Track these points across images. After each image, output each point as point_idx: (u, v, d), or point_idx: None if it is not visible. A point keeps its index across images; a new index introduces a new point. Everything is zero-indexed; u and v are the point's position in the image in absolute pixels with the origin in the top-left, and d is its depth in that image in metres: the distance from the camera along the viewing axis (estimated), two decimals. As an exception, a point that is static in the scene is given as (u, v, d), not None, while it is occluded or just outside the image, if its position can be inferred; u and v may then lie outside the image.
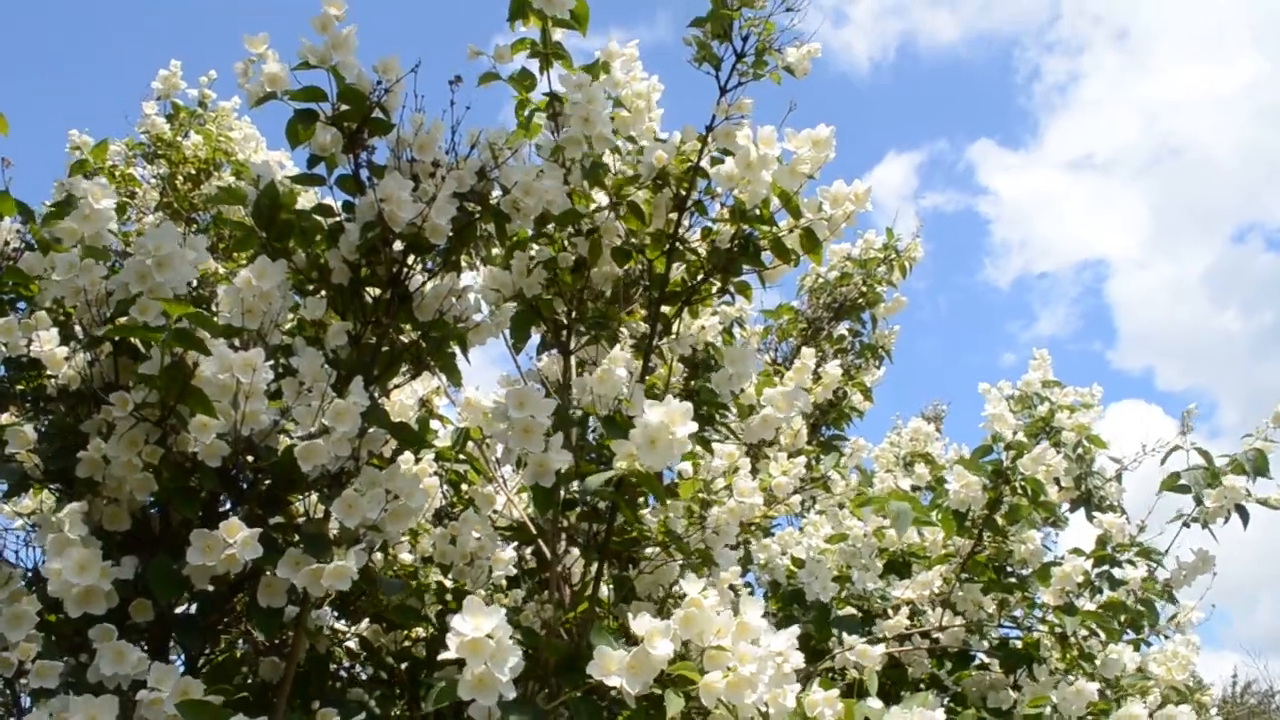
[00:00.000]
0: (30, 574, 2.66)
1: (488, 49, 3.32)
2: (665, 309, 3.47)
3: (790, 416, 3.18)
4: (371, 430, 2.69)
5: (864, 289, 5.81)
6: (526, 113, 3.53)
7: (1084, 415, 4.67)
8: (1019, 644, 4.27)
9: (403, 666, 3.50)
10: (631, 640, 2.60)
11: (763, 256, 3.34)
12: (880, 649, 3.66)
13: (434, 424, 3.77)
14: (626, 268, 3.53)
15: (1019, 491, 4.05)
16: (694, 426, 2.72)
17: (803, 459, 3.58)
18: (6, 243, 2.92)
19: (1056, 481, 4.20)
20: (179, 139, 4.74)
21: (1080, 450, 4.66)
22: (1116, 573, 4.20)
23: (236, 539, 2.40)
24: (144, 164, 4.75)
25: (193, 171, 4.66)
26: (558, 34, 3.30)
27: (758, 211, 3.23)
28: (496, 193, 2.98)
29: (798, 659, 2.73)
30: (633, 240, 3.47)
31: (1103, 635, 4.01)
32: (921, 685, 4.44)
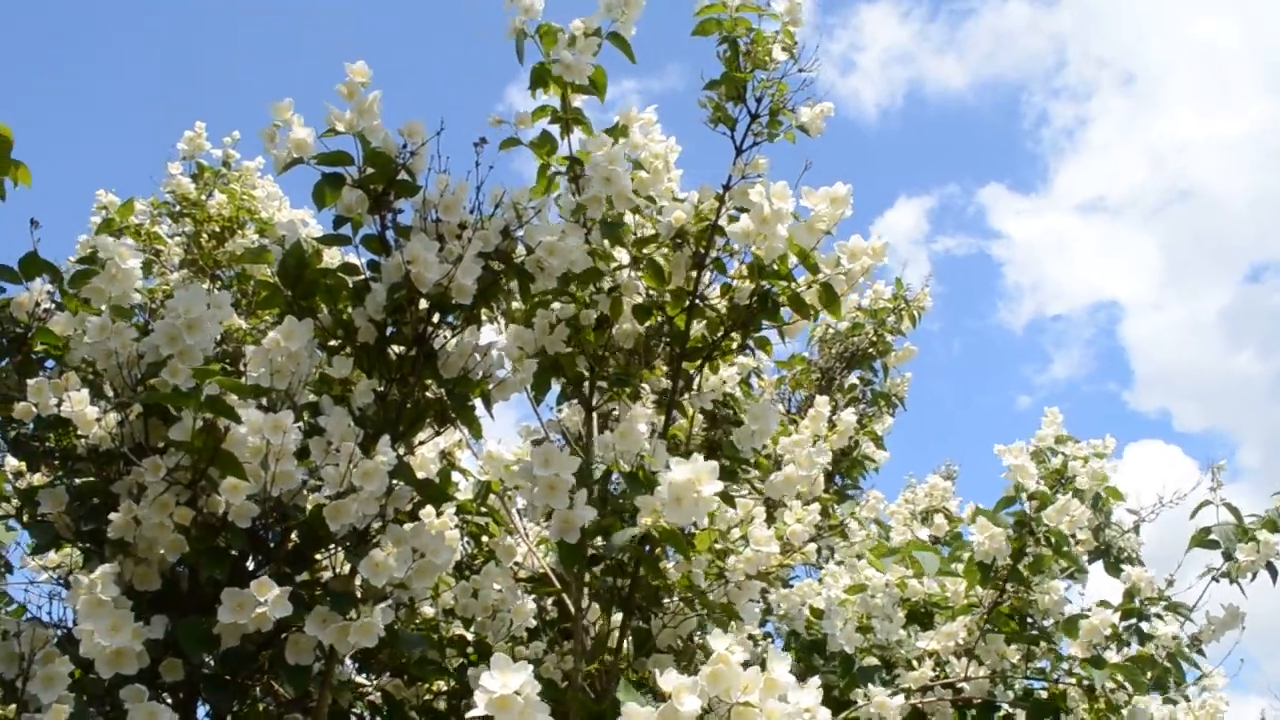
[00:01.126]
0: (61, 634, 2.67)
1: (500, 101, 3.41)
2: (686, 364, 3.50)
3: (814, 474, 3.20)
4: (398, 488, 2.72)
5: (875, 338, 5.85)
6: (549, 175, 3.61)
7: (1098, 464, 4.67)
8: (1044, 695, 4.24)
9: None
10: (656, 695, 2.59)
11: (781, 312, 3.38)
12: (900, 700, 3.65)
13: (455, 476, 3.79)
14: (647, 325, 3.57)
15: (1043, 542, 4.04)
16: (719, 485, 2.74)
17: (817, 506, 3.58)
18: (37, 304, 2.98)
19: (1073, 536, 4.19)
20: (203, 198, 4.83)
21: (1098, 502, 4.65)
22: (1145, 626, 4.17)
23: (268, 597, 2.42)
24: (169, 222, 4.84)
25: (217, 229, 4.74)
26: (577, 100, 3.38)
27: (775, 267, 3.27)
28: (520, 250, 3.02)
29: (825, 716, 2.72)
30: (654, 297, 3.52)
31: (1130, 689, 3.98)
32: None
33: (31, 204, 2.80)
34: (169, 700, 2.68)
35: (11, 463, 3.01)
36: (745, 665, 2.62)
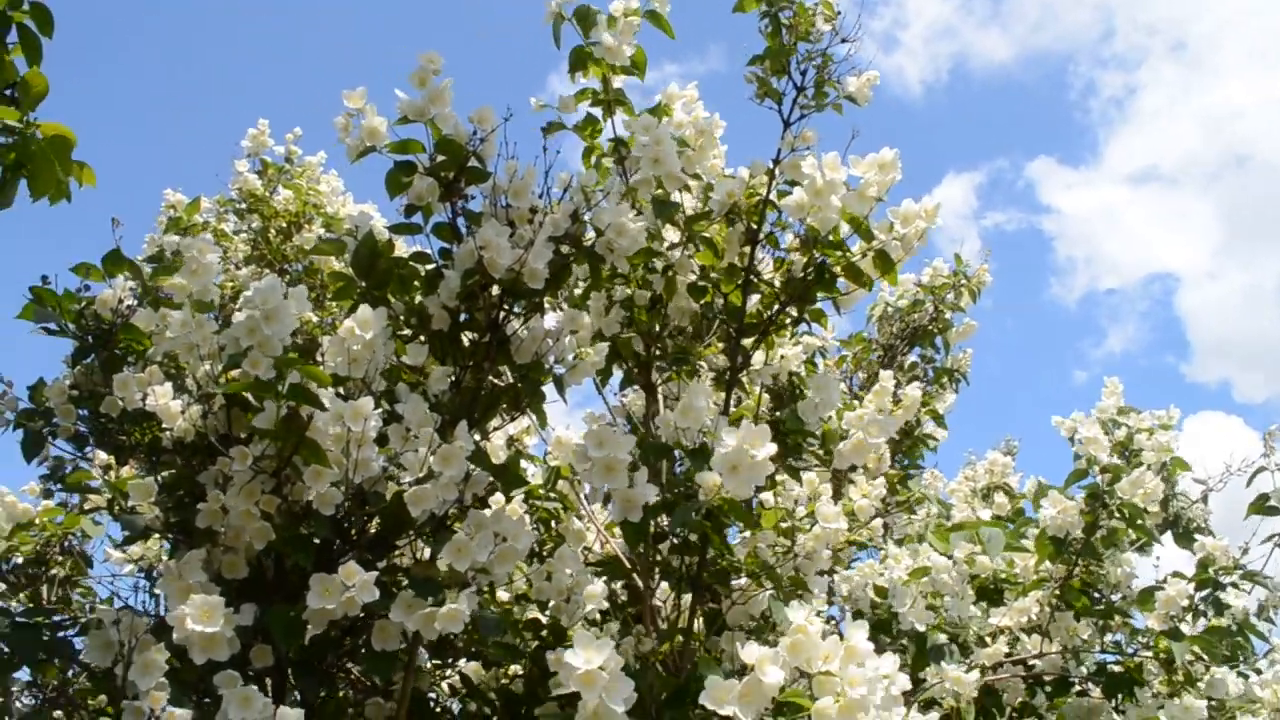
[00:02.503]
0: (153, 622, 2.73)
1: (541, 92, 3.44)
2: (744, 341, 3.50)
3: (881, 442, 3.19)
4: (475, 473, 2.76)
5: (935, 315, 5.82)
6: (594, 159, 3.63)
7: (1163, 436, 4.61)
8: (1119, 669, 4.20)
9: (501, 703, 3.54)
10: (737, 670, 2.61)
11: (837, 283, 3.37)
12: (976, 676, 3.63)
13: (523, 463, 3.82)
14: (703, 302, 3.58)
15: (1115, 515, 4.00)
16: (773, 448, 2.74)
17: (882, 481, 3.57)
18: (120, 300, 3.05)
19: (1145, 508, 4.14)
20: (269, 194, 4.91)
21: (1164, 473, 4.59)
22: (1220, 597, 4.11)
23: (355, 582, 2.46)
24: (234, 219, 4.93)
25: (284, 225, 4.82)
26: (617, 80, 3.40)
27: (829, 238, 3.26)
28: (589, 234, 3.04)
29: (904, 681, 2.73)
30: (708, 275, 3.52)
31: (1207, 660, 3.93)
32: (1015, 714, 4.38)
33: (92, 204, 2.86)
34: (258, 687, 2.74)
35: (100, 456, 3.08)
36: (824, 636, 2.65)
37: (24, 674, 2.86)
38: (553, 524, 3.89)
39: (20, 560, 3.77)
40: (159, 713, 2.33)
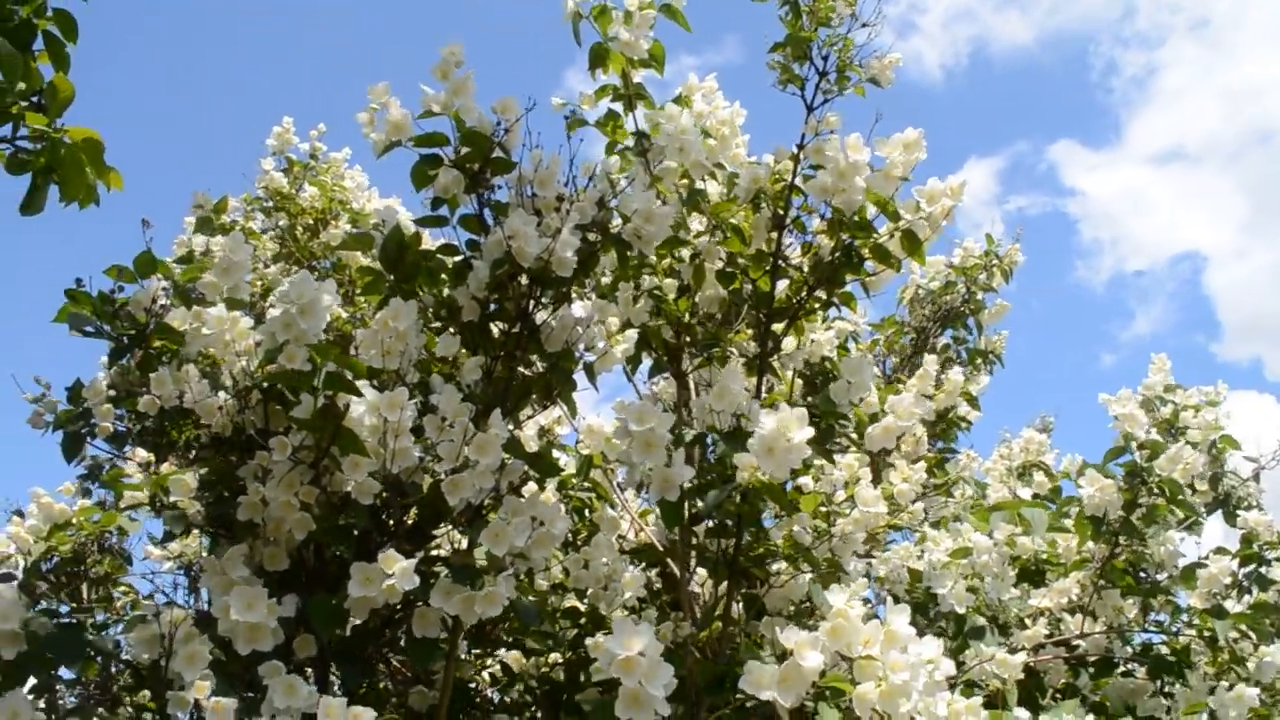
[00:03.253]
0: (196, 615, 2.76)
1: (560, 88, 3.46)
2: (773, 326, 3.49)
3: (912, 424, 3.17)
4: (510, 462, 2.76)
5: (967, 296, 5.77)
6: (617, 151, 3.63)
7: (1210, 414, 4.55)
8: (1164, 649, 4.15)
9: (541, 691, 3.55)
10: (777, 655, 2.60)
11: (865, 265, 3.36)
12: (1021, 657, 3.60)
13: (556, 453, 3.83)
14: (731, 289, 3.58)
15: (1155, 492, 3.95)
16: (810, 431, 2.74)
17: (923, 465, 3.55)
18: (154, 300, 3.07)
19: (1191, 486, 4.09)
20: (294, 191, 4.95)
21: (1213, 451, 4.53)
22: (1265, 572, 4.05)
23: (395, 570, 2.47)
24: (261, 218, 4.96)
25: (311, 222, 4.85)
26: (637, 75, 3.42)
27: (855, 219, 3.25)
28: (615, 221, 3.04)
29: (949, 666, 2.71)
30: (736, 262, 3.52)
31: (1254, 637, 3.87)
32: (1058, 695, 4.34)
33: (116, 207, 2.88)
34: (301, 677, 2.76)
35: (140, 453, 3.11)
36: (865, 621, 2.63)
37: (66, 671, 2.89)
38: (586, 513, 3.90)
39: (58, 560, 3.82)
40: (204, 703, 2.35)
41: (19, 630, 2.45)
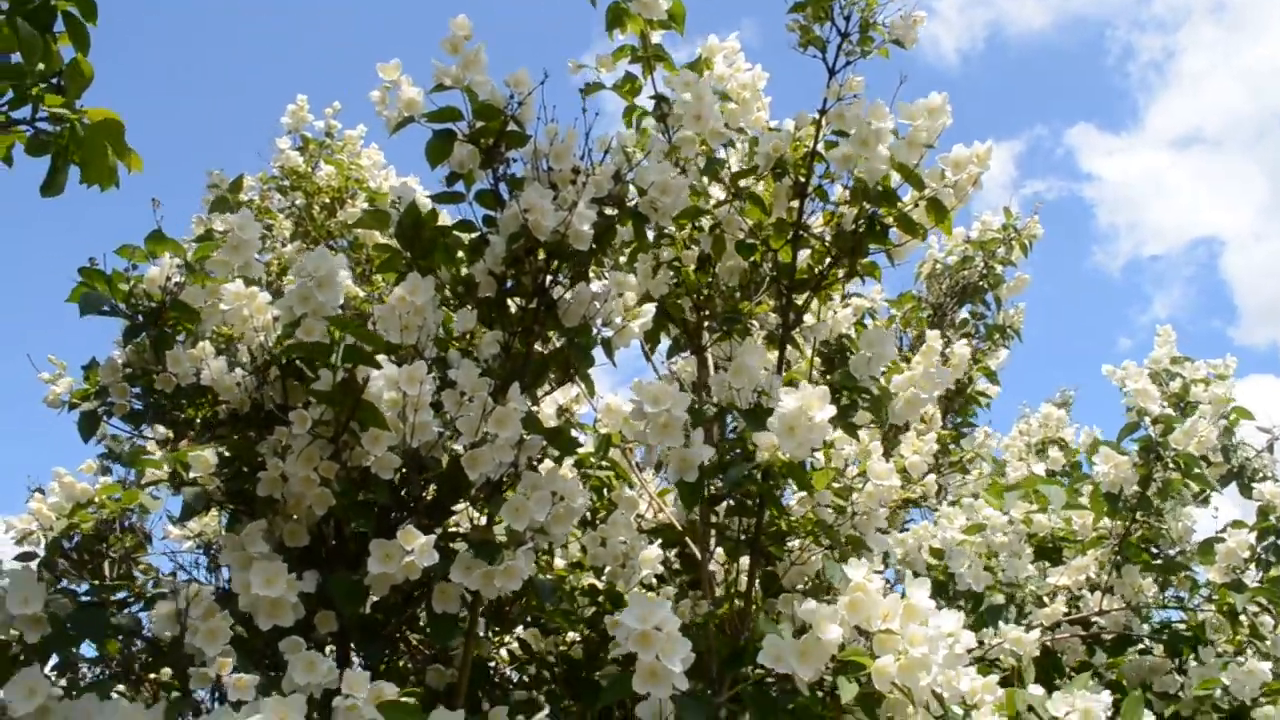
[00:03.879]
0: (217, 592, 2.76)
1: (572, 48, 3.41)
2: (795, 298, 3.46)
3: (933, 395, 3.16)
4: (529, 437, 2.76)
5: (985, 271, 5.74)
6: (635, 117, 3.59)
7: (1219, 387, 4.52)
8: (1183, 626, 4.14)
9: (560, 669, 3.55)
10: (796, 630, 2.60)
11: (889, 234, 3.32)
12: (1036, 635, 3.59)
13: (573, 432, 3.82)
14: (751, 260, 3.54)
15: (1170, 467, 3.93)
16: (832, 410, 2.72)
17: (933, 436, 3.52)
18: (168, 278, 3.07)
19: (1205, 458, 4.06)
20: (310, 170, 4.94)
21: (1224, 423, 4.50)
22: (1281, 545, 4.03)
23: (414, 546, 2.47)
24: (278, 197, 4.95)
25: (327, 200, 4.84)
26: (656, 36, 3.35)
27: (879, 188, 3.20)
28: (631, 194, 3.02)
29: (969, 638, 2.70)
30: (756, 231, 3.48)
31: (1274, 610, 3.86)
32: (1073, 673, 4.33)
33: (131, 188, 2.86)
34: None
35: (159, 429, 3.11)
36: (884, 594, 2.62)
37: (87, 650, 2.89)
38: (605, 492, 3.90)
39: (80, 538, 3.83)
40: (225, 678, 2.35)
41: (42, 614, 2.46)
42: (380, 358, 2.62)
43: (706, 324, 3.61)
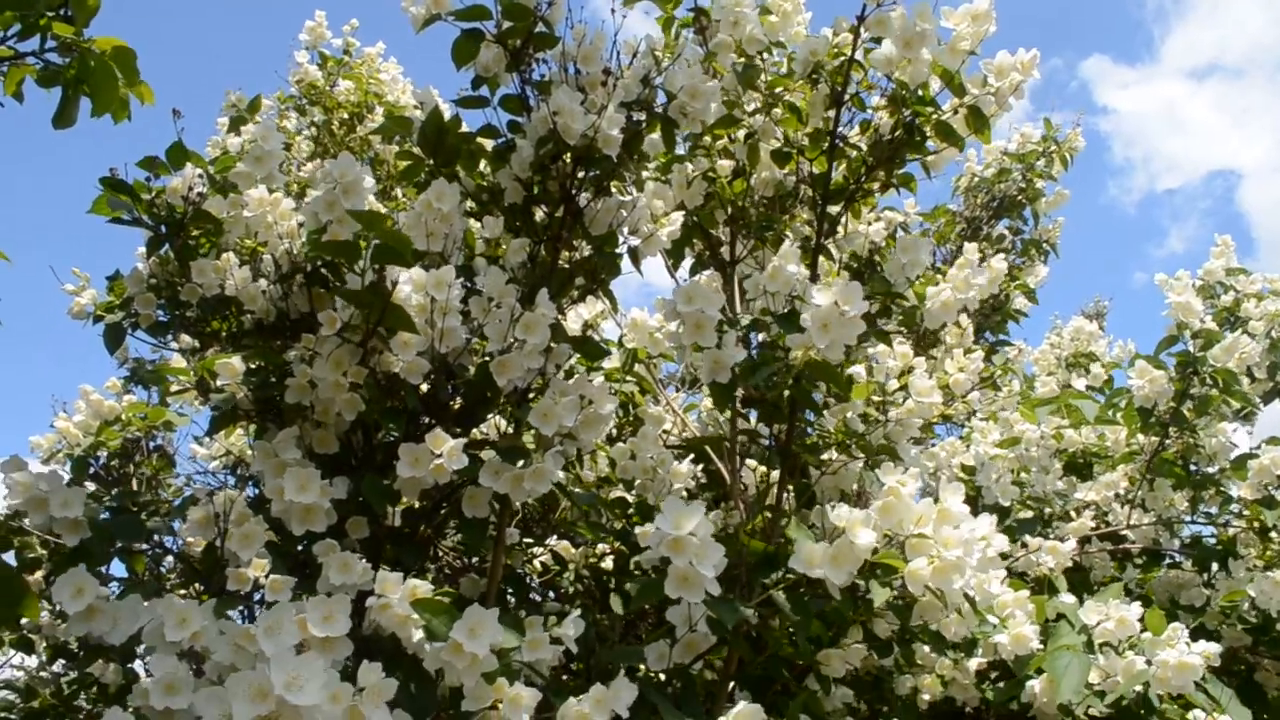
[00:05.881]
0: (251, 500, 2.77)
1: None
2: (830, 209, 3.40)
3: (969, 298, 3.10)
4: (556, 345, 2.73)
5: (1024, 184, 5.62)
6: (673, 28, 3.51)
7: (1273, 303, 4.42)
8: (1213, 540, 4.11)
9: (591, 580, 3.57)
10: (828, 537, 2.58)
11: (926, 143, 3.24)
12: (1072, 544, 3.57)
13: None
14: (786, 170, 3.48)
15: (1208, 382, 3.87)
16: (865, 305, 2.67)
17: (979, 354, 3.47)
18: (190, 188, 3.03)
19: (1249, 374, 3.99)
20: (329, 87, 4.87)
21: (1272, 339, 4.41)
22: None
23: (444, 450, 2.46)
24: (296, 116, 4.90)
25: (346, 117, 4.79)
26: None
27: (919, 94, 3.12)
28: (660, 99, 2.95)
29: (1001, 542, 2.68)
30: (791, 141, 3.41)
31: (1307, 527, 3.82)
32: (1100, 589, 4.33)
33: (140, 118, 2.81)
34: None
35: (185, 339, 3.10)
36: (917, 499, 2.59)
37: (116, 569, 2.90)
38: (630, 407, 3.88)
39: (107, 455, 3.87)
40: (263, 580, 2.36)
41: (81, 518, 2.46)
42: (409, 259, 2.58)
43: (740, 234, 3.55)
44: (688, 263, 3.88)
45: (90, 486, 3.66)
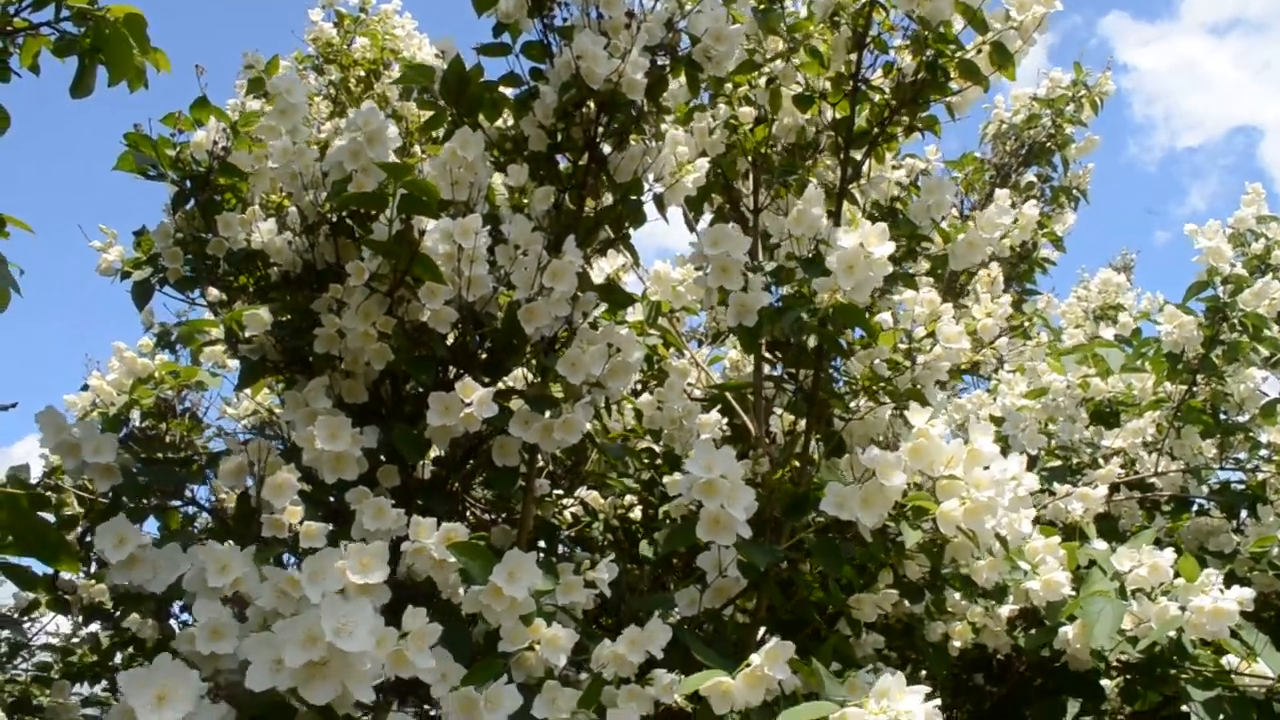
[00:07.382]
0: (281, 451, 2.78)
1: None
2: (853, 153, 3.37)
3: (995, 240, 3.07)
4: (583, 294, 2.73)
5: (1053, 130, 5.54)
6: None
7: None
8: (1241, 486, 4.09)
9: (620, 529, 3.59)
10: (858, 480, 2.57)
11: (950, 84, 3.20)
12: (1103, 490, 3.55)
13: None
14: (809, 117, 3.45)
15: (1238, 328, 3.83)
16: (890, 246, 2.66)
17: (1007, 299, 3.43)
18: (215, 142, 3.03)
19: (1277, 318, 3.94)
20: (345, 45, 4.85)
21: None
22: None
23: (473, 398, 2.46)
24: (314, 76, 4.87)
25: (363, 74, 4.77)
26: None
27: (941, 31, 3.08)
28: (684, 44, 2.92)
29: (1031, 481, 2.67)
30: (813, 86, 3.38)
31: (1337, 471, 3.80)
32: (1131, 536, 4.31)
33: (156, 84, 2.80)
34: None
35: (212, 292, 3.11)
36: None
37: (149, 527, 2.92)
38: (654, 361, 3.88)
39: (139, 416, 3.88)
40: (297, 527, 2.38)
41: (113, 464, 2.48)
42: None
43: (763, 181, 3.52)
44: (707, 218, 3.87)
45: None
